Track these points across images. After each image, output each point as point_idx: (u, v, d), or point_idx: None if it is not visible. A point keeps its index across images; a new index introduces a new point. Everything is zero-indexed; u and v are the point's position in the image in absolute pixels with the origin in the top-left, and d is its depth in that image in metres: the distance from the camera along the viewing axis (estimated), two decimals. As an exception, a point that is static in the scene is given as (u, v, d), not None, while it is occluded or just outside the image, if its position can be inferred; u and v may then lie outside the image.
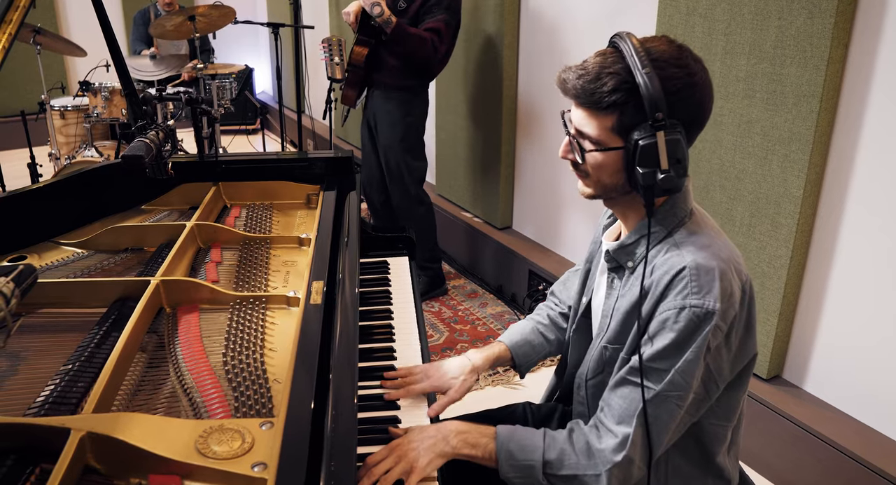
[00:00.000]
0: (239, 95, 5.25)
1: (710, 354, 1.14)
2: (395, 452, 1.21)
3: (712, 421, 1.25)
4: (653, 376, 1.14)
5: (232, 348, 1.29)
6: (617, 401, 1.18)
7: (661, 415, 1.15)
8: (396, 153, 3.31)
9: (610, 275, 1.30)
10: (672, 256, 1.15)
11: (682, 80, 1.09)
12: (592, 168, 1.19)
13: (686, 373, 1.12)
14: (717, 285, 1.11)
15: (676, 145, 1.09)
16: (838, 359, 2.23)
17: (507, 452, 1.22)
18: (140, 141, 1.63)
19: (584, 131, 1.16)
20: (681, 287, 1.12)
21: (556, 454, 1.20)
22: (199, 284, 1.46)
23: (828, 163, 2.14)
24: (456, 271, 3.85)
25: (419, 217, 3.42)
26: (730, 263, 1.15)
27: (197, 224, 1.75)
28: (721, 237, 1.21)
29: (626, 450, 1.15)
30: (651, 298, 1.15)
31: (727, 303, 1.12)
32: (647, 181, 1.11)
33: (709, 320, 1.10)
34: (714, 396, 1.20)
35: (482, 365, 1.51)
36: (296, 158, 2.10)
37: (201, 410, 1.14)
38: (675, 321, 1.11)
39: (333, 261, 1.53)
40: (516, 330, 1.59)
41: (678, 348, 1.12)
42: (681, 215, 1.20)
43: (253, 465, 0.97)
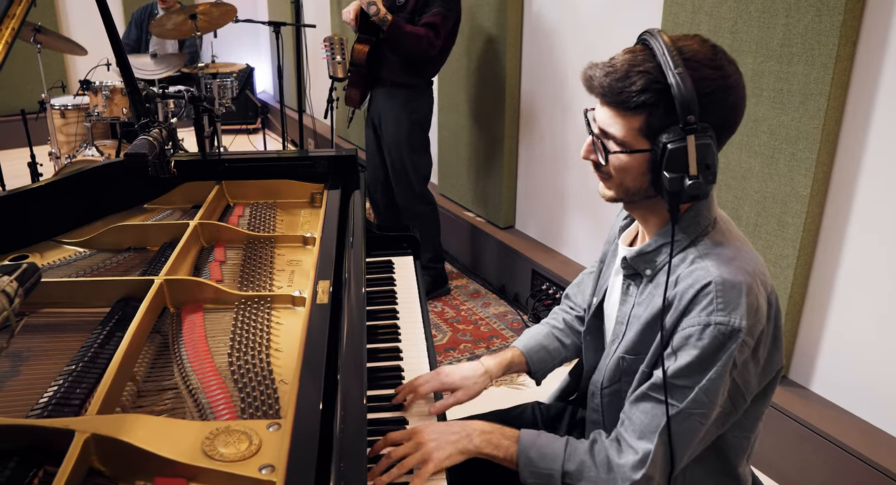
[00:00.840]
0: (240, 95, 5.23)
1: (737, 370, 1.11)
2: (416, 438, 1.21)
3: (736, 434, 1.22)
4: (676, 393, 1.11)
5: (237, 349, 1.27)
6: (638, 416, 1.16)
7: (683, 432, 1.12)
8: (401, 151, 3.29)
9: (626, 281, 1.26)
10: (697, 268, 1.11)
11: (715, 82, 1.05)
12: (616, 170, 1.14)
13: (710, 391, 1.09)
14: (744, 302, 1.07)
15: (707, 150, 1.05)
16: (845, 359, 2.21)
17: (528, 458, 1.21)
18: (143, 139, 1.61)
19: (609, 131, 1.12)
20: (706, 303, 1.08)
21: (575, 466, 1.19)
22: (204, 283, 1.44)
23: (835, 162, 2.13)
24: (458, 271, 3.83)
25: (424, 216, 3.41)
26: (756, 276, 1.11)
27: (200, 223, 1.73)
28: (746, 247, 1.17)
29: (646, 468, 1.13)
30: (674, 312, 1.11)
31: (753, 319, 1.08)
32: (673, 187, 1.06)
33: (735, 338, 1.07)
34: (742, 409, 1.17)
35: (496, 370, 1.46)
36: (299, 156, 2.08)
37: (207, 411, 1.13)
38: (700, 338, 1.08)
39: (339, 260, 1.51)
40: (531, 335, 1.55)
41: (702, 366, 1.08)
42: (705, 224, 1.15)
43: (261, 467, 0.95)
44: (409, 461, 1.18)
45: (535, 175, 3.53)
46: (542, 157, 3.45)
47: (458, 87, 3.80)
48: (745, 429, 1.23)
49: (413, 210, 3.38)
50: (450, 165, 4.05)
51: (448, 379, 1.42)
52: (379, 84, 3.32)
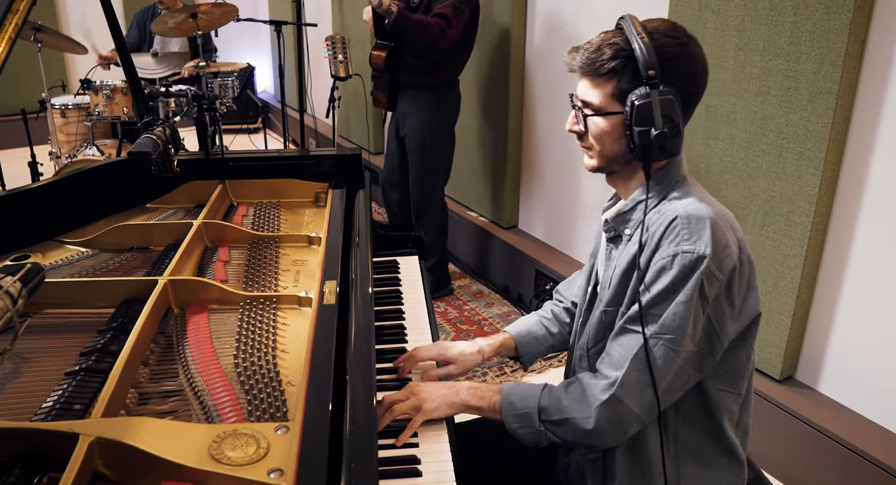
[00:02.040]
0: (241, 94, 5.20)
1: (710, 306, 1.18)
2: (410, 388, 1.34)
3: (718, 387, 1.27)
4: (648, 321, 1.19)
5: (243, 350, 1.26)
6: (615, 349, 1.24)
7: (654, 357, 1.19)
8: (425, 153, 3.26)
9: (608, 246, 1.36)
10: (665, 210, 1.22)
11: (674, 49, 1.18)
12: (595, 137, 1.26)
13: (677, 315, 1.16)
14: (708, 232, 1.16)
15: (669, 105, 1.16)
16: (853, 359, 2.20)
17: (509, 403, 1.30)
18: (147, 137, 1.59)
19: (588, 100, 1.25)
20: (673, 236, 1.17)
21: (549, 401, 1.27)
22: (209, 283, 1.43)
23: (843, 161, 2.11)
24: (461, 271, 3.82)
25: (436, 219, 3.39)
26: (722, 218, 1.20)
27: (204, 223, 1.72)
28: (713, 199, 1.27)
29: (614, 389, 1.20)
30: (647, 249, 1.21)
31: (722, 252, 1.16)
32: (642, 140, 1.18)
33: (699, 264, 1.15)
34: (718, 353, 1.22)
35: (488, 350, 1.57)
36: (304, 155, 2.06)
37: (213, 413, 1.11)
38: (669, 268, 1.17)
39: (346, 260, 1.50)
40: (521, 322, 1.64)
41: (671, 292, 1.17)
42: (675, 179, 1.27)
43: (269, 471, 0.93)
44: (402, 407, 1.29)
45: (540, 175, 3.51)
46: (546, 157, 3.43)
47: (463, 86, 3.77)
48: (725, 382, 1.27)
49: (427, 212, 3.36)
50: (454, 165, 4.02)
51: (446, 352, 1.54)
52: (403, 87, 3.30)
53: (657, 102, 1.16)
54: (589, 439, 1.25)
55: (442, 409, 1.32)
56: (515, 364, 2.93)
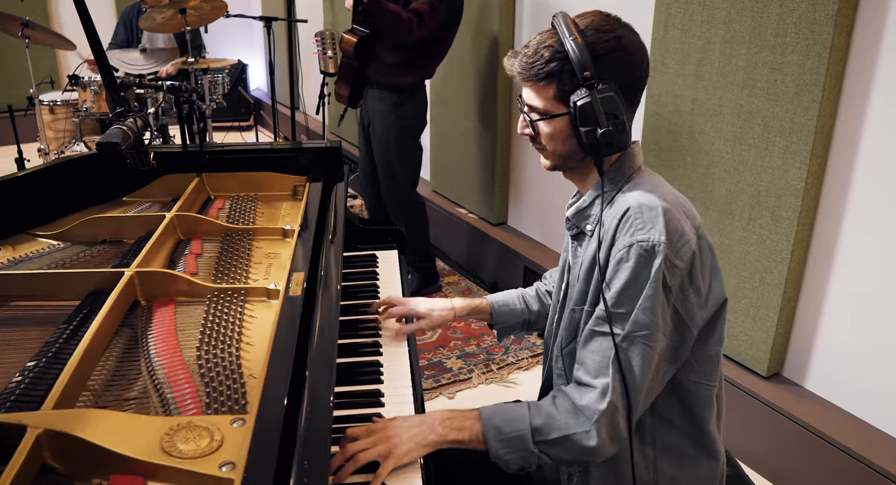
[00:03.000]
0: (232, 91, 5.17)
1: (675, 296, 1.16)
2: (376, 434, 1.19)
3: (692, 379, 1.25)
4: (617, 321, 1.16)
5: (206, 342, 1.23)
6: (589, 356, 1.20)
7: (632, 357, 1.16)
8: (389, 155, 3.24)
9: (573, 244, 1.35)
10: (618, 202, 1.22)
11: (608, 43, 1.17)
12: (546, 139, 1.26)
13: (647, 310, 1.14)
14: (661, 220, 1.15)
15: (610, 102, 1.16)
16: (840, 356, 2.17)
17: (494, 428, 1.20)
18: (117, 128, 1.56)
19: (533, 105, 1.25)
20: (627, 227, 1.17)
21: (542, 419, 1.20)
22: (176, 275, 1.40)
23: (830, 154, 2.09)
24: (450, 268, 3.79)
25: (411, 220, 3.35)
26: (676, 206, 1.19)
27: (177, 215, 1.69)
28: (668, 188, 1.26)
29: (609, 396, 1.16)
30: (604, 244, 1.20)
31: (678, 240, 1.15)
32: (590, 139, 1.18)
33: (656, 252, 1.13)
34: (690, 342, 1.20)
35: (461, 308, 1.59)
36: (282, 148, 2.04)
37: (171, 406, 1.08)
38: (626, 260, 1.15)
39: (316, 253, 1.47)
40: (503, 293, 1.65)
41: (634, 285, 1.15)
42: (629, 172, 1.26)
43: (221, 464, 0.91)
44: (368, 454, 1.14)
45: (529, 171, 3.48)
46: (535, 152, 3.40)
47: (451, 81, 3.75)
48: (699, 373, 1.24)
49: (400, 213, 3.33)
50: (442, 161, 4.01)
51: (416, 307, 1.57)
52: (369, 84, 3.26)
53: (598, 102, 1.16)
54: (590, 455, 1.17)
55: (415, 451, 1.18)
56: (502, 362, 2.93)
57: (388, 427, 1.20)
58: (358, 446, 1.16)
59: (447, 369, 2.87)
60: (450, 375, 2.84)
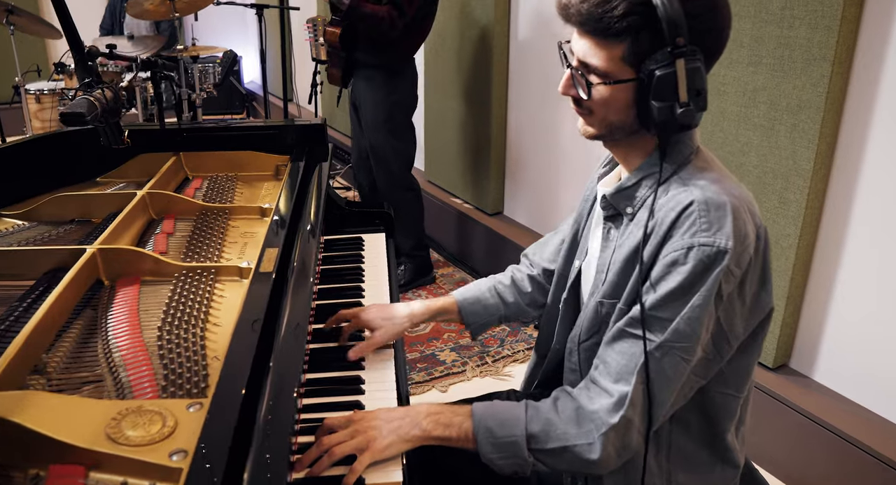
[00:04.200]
0: (224, 81, 5.07)
1: (722, 306, 1.02)
2: (354, 425, 1.07)
3: (721, 390, 1.11)
4: (655, 326, 1.02)
5: (169, 322, 1.13)
6: (614, 357, 1.05)
7: (664, 370, 1.02)
8: (381, 135, 3.15)
9: (606, 225, 1.17)
10: (678, 192, 1.04)
11: (703, 2, 0.98)
12: (598, 105, 1.06)
13: (693, 320, 1.00)
14: (730, 221, 0.99)
15: (697, 75, 0.98)
16: (849, 346, 2.07)
17: (486, 429, 1.08)
18: (83, 98, 1.46)
19: (590, 63, 1.03)
20: (688, 224, 1.00)
21: (540, 426, 1.07)
22: (141, 253, 1.30)
23: (840, 133, 1.99)
24: (445, 259, 3.69)
25: (405, 203, 3.26)
26: (743, 202, 1.03)
27: (149, 193, 1.59)
28: (732, 178, 1.09)
29: (624, 410, 1.02)
30: (654, 239, 1.03)
31: (741, 244, 1.00)
32: (663, 117, 1.00)
33: (720, 261, 0.98)
34: (726, 356, 1.07)
35: (420, 313, 1.40)
36: (264, 125, 1.94)
37: (126, 390, 0.99)
38: (683, 263, 0.99)
39: (293, 231, 1.37)
40: (472, 287, 1.47)
41: (685, 293, 1.00)
42: (687, 152, 1.08)
43: (171, 453, 0.81)
44: (343, 449, 1.03)
45: (526, 158, 3.38)
46: (531, 140, 3.31)
47: (445, 67, 3.65)
48: (731, 385, 1.11)
49: (394, 196, 3.23)
50: (436, 150, 3.91)
51: (367, 316, 1.36)
52: (356, 65, 3.17)
53: (684, 73, 0.96)
54: (590, 468, 1.06)
55: (395, 446, 1.06)
56: (497, 354, 2.83)
57: (367, 418, 1.09)
58: (334, 438, 1.05)
59: (440, 361, 2.78)
60: (443, 367, 2.74)
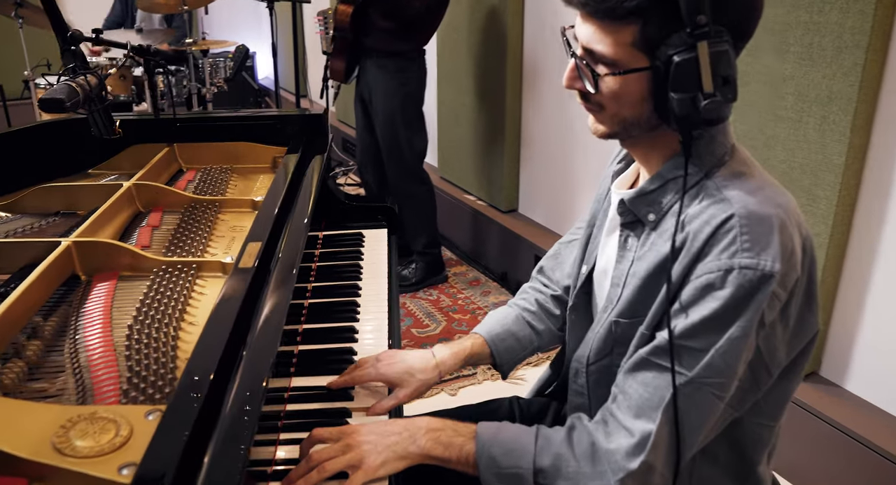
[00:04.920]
0: (235, 76, 5.02)
1: (763, 333, 0.89)
2: (346, 440, 0.98)
3: (757, 420, 0.99)
4: (685, 358, 0.89)
5: (141, 321, 1.06)
6: (636, 388, 0.93)
7: (693, 409, 0.90)
8: (394, 126, 3.07)
9: (623, 232, 1.03)
10: (713, 202, 0.90)
11: None
12: (608, 99, 0.93)
13: (729, 354, 0.87)
14: (776, 239, 0.86)
15: (723, 59, 0.85)
16: (884, 353, 1.96)
17: (489, 457, 0.97)
18: (64, 84, 1.41)
19: (596, 50, 0.91)
20: (727, 242, 0.87)
21: (550, 460, 0.95)
22: (119, 246, 1.23)
23: (874, 125, 1.88)
24: (457, 258, 3.61)
25: (418, 197, 3.18)
26: (789, 212, 0.90)
27: (135, 184, 1.53)
28: (775, 183, 0.96)
29: (646, 454, 0.90)
30: (686, 257, 0.90)
31: (787, 263, 0.87)
32: (684, 110, 0.86)
33: (765, 286, 0.85)
34: (764, 386, 0.95)
35: (450, 363, 1.21)
36: (262, 116, 1.88)
37: (87, 394, 0.92)
38: (720, 287, 0.86)
39: (279, 225, 1.29)
40: (497, 319, 1.30)
41: (722, 323, 0.87)
42: (720, 152, 0.94)
43: (122, 466, 0.73)
44: (333, 465, 0.94)
45: (540, 155, 3.29)
46: (547, 135, 3.21)
47: (458, 60, 3.57)
48: (767, 415, 0.99)
49: (406, 190, 3.16)
50: (449, 145, 3.82)
51: (389, 370, 1.16)
52: (366, 55, 3.09)
53: (707, 57, 0.84)
54: None
55: (391, 464, 0.97)
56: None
57: (360, 432, 0.99)
58: (323, 454, 0.96)
59: (450, 364, 2.69)
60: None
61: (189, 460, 0.68)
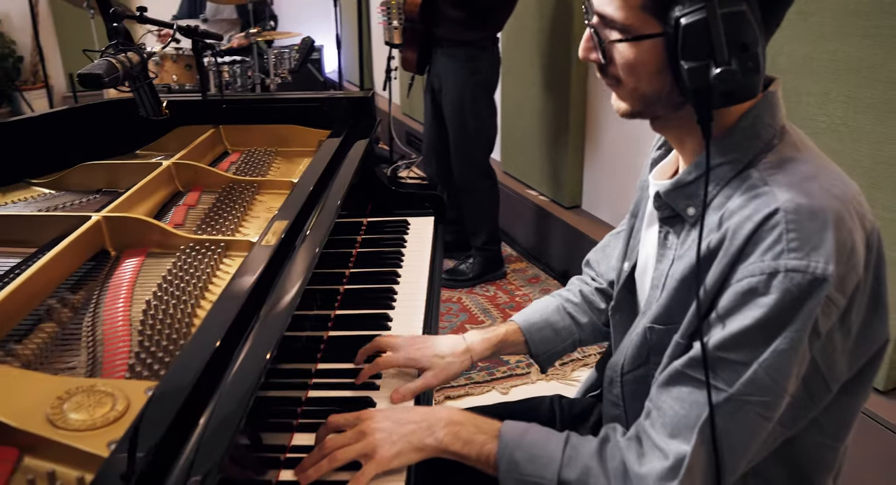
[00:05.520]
0: (301, 68, 5.07)
1: (820, 343, 0.79)
2: (361, 426, 0.93)
3: (818, 439, 0.89)
4: (724, 372, 0.80)
5: (160, 298, 1.04)
6: (670, 404, 0.84)
7: (735, 429, 0.80)
8: (463, 117, 3.02)
9: (663, 229, 0.94)
10: (756, 195, 0.80)
11: None
12: (624, 70, 0.86)
13: (776, 369, 0.77)
14: (831, 237, 0.76)
15: (740, 22, 0.75)
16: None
17: (512, 461, 0.90)
18: (104, 60, 1.41)
19: (606, 14, 0.83)
20: (771, 241, 0.77)
21: (577, 474, 0.87)
22: (148, 223, 1.23)
23: (973, 115, 1.72)
24: (517, 255, 3.54)
25: (483, 192, 3.13)
26: (849, 204, 0.79)
27: (175, 163, 1.53)
28: (831, 167, 0.85)
29: (680, 479, 0.80)
30: (724, 257, 0.80)
31: (845, 265, 0.77)
32: (695, 81, 0.77)
33: (817, 291, 0.75)
34: (822, 402, 0.84)
35: (480, 348, 1.16)
36: (307, 97, 1.85)
37: (97, 368, 0.90)
38: (764, 293, 0.77)
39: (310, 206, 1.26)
40: (536, 308, 1.23)
41: (766, 333, 0.77)
42: (768, 135, 0.84)
43: (112, 441, 0.71)
44: (345, 454, 0.90)
45: (606, 149, 3.19)
46: (612, 128, 3.11)
47: (523, 51, 3.50)
48: (829, 434, 0.89)
49: (472, 184, 3.11)
50: (513, 139, 3.75)
51: (418, 354, 1.12)
52: (436, 44, 3.06)
53: (718, 19, 0.75)
54: None
55: (405, 455, 0.92)
56: (567, 357, 2.65)
57: (376, 418, 0.94)
58: (337, 441, 0.91)
59: (503, 361, 2.63)
60: (506, 368, 2.59)
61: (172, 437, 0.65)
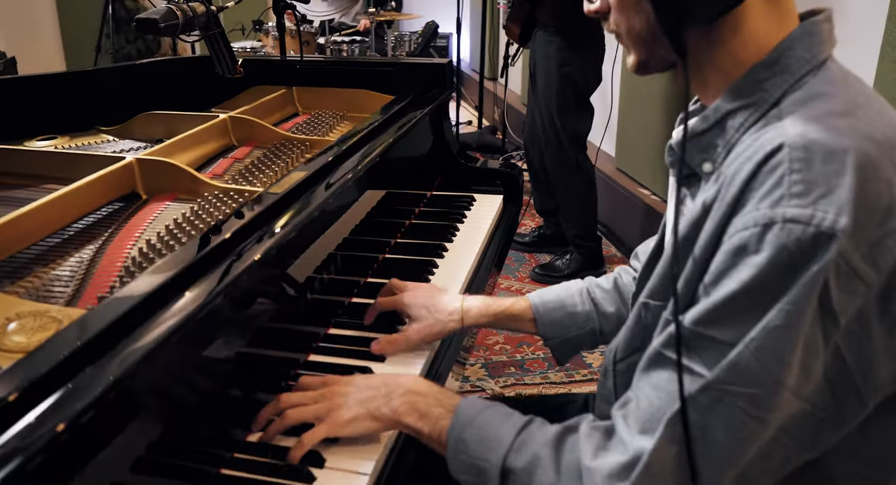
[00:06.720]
0: (421, 52, 5.11)
1: (841, 331, 0.63)
2: (323, 389, 0.90)
3: (853, 469, 0.72)
4: (703, 352, 0.66)
5: (161, 238, 1.03)
6: (647, 393, 0.71)
7: (711, 426, 0.65)
8: (549, 108, 2.92)
9: (681, 191, 0.79)
10: (765, 131, 0.67)
11: None
12: (614, 11, 0.77)
13: (766, 352, 0.62)
14: (850, 184, 0.60)
15: None
16: None
17: (460, 440, 0.81)
18: (166, 6, 1.43)
19: None
20: (771, 184, 0.62)
21: (524, 461, 0.76)
22: (177, 168, 1.22)
23: None
24: (622, 256, 3.38)
25: (574, 187, 3.01)
26: (887, 148, 0.64)
27: (231, 117, 1.53)
28: (879, 107, 0.69)
29: (633, 479, 0.67)
30: (719, 209, 0.67)
31: (878, 227, 0.61)
32: None
33: (822, 251, 0.60)
34: (855, 418, 0.68)
35: (475, 313, 1.08)
36: (382, 62, 1.82)
37: (76, 299, 0.89)
38: (756, 250, 0.62)
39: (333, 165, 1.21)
40: (555, 288, 1.12)
41: (755, 302, 0.62)
42: (800, 69, 0.69)
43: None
44: (299, 413, 0.86)
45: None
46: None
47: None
48: (869, 463, 0.71)
49: (562, 178, 3.00)
50: (628, 136, 3.59)
51: (410, 301, 1.08)
52: (539, 27, 2.97)
53: None
54: None
55: (361, 422, 0.86)
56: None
57: (341, 383, 0.90)
58: (293, 399, 0.88)
59: (586, 364, 2.51)
60: (587, 371, 2.47)
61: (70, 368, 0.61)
